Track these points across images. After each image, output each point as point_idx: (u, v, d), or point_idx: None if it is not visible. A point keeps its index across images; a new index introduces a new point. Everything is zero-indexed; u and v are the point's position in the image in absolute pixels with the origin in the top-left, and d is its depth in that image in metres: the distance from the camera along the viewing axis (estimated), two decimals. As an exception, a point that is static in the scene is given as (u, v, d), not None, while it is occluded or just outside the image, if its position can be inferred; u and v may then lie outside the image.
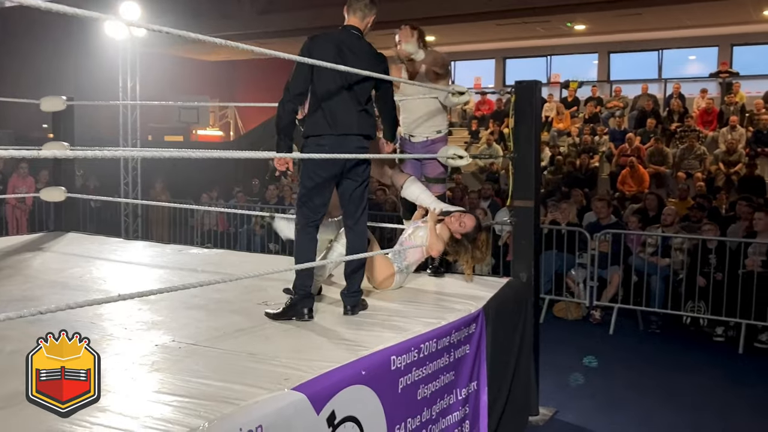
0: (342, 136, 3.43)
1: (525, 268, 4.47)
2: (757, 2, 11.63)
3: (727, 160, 12.01)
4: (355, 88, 3.47)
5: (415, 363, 3.10)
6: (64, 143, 5.76)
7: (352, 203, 3.60)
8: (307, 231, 3.49)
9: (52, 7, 2.04)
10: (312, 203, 3.48)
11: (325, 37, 3.52)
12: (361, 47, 3.55)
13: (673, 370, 5.67)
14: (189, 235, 9.88)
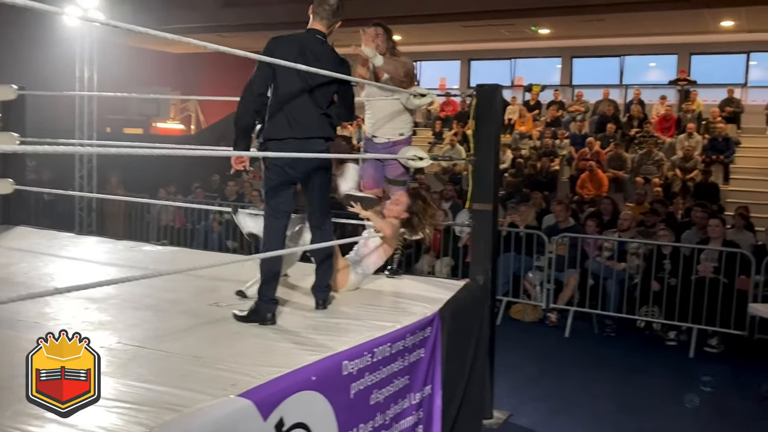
0: (304, 140, 3.41)
1: (482, 271, 4.47)
2: (715, 13, 11.86)
3: (684, 166, 12.23)
4: (316, 91, 3.45)
5: (368, 368, 3.05)
6: (14, 134, 5.56)
7: (319, 205, 3.62)
8: (276, 231, 3.48)
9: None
10: (275, 201, 3.47)
11: (288, 39, 3.48)
12: (324, 51, 3.52)
13: (627, 374, 5.73)
14: (145, 230, 9.69)
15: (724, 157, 12.46)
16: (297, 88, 3.39)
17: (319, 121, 3.47)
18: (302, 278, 4.14)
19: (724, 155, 12.49)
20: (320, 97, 3.47)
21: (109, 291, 3.83)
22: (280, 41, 3.44)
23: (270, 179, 3.46)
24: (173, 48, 17.84)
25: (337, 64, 3.54)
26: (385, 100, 4.50)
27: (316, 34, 3.54)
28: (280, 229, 3.48)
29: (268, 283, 3.39)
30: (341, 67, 3.55)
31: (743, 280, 6.22)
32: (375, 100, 4.56)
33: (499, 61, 18.26)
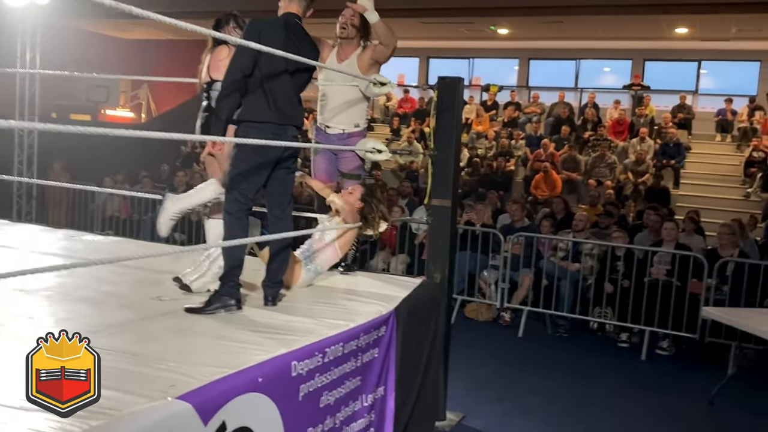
0: (283, 126, 3.33)
1: (440, 269, 4.34)
2: (670, 20, 12.03)
3: (636, 170, 12.40)
4: (296, 76, 3.39)
5: (318, 369, 2.89)
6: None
7: (281, 193, 3.50)
8: (239, 217, 3.33)
9: None
10: (244, 186, 3.32)
11: (272, 22, 3.40)
12: (306, 36, 3.47)
13: (579, 375, 5.69)
14: (89, 220, 9.29)
15: (675, 162, 12.69)
16: (280, 70, 3.30)
17: (297, 107, 3.42)
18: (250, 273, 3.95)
19: (675, 160, 12.72)
20: (299, 83, 3.43)
21: (42, 282, 3.59)
22: (265, 23, 3.35)
23: (240, 162, 3.30)
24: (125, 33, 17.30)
25: (316, 49, 3.53)
26: (343, 85, 4.31)
27: (296, 18, 3.46)
28: (244, 215, 3.35)
29: (233, 269, 3.29)
30: (318, 52, 3.55)
31: (695, 283, 6.26)
32: (332, 84, 4.36)
33: (457, 59, 18.26)
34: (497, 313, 7.22)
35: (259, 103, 3.28)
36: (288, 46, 3.24)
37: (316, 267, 3.96)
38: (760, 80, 15.27)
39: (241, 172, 3.30)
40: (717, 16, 11.22)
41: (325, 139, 4.34)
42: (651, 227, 7.53)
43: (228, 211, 3.34)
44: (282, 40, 3.26)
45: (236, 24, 3.89)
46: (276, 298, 3.49)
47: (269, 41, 3.13)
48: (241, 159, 3.31)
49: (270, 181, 3.43)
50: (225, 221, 3.36)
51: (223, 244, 3.31)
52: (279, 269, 3.52)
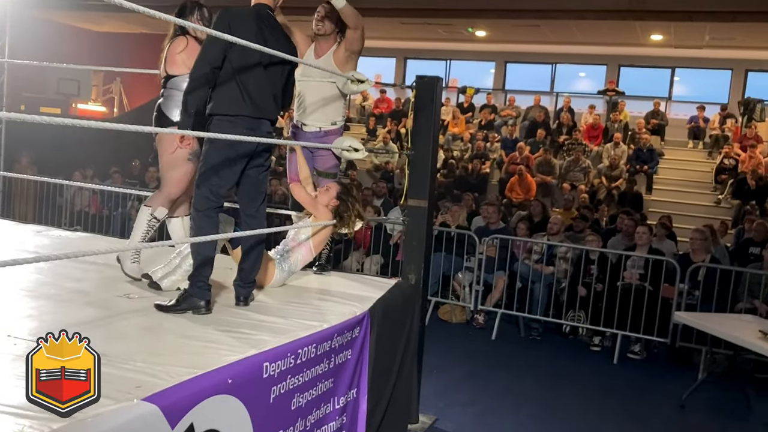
0: (257, 120, 3.22)
1: (415, 270, 4.30)
2: (645, 26, 12.14)
3: (610, 174, 12.51)
4: (270, 69, 3.26)
5: (290, 370, 2.82)
6: None
7: (254, 191, 3.38)
8: (209, 215, 3.20)
9: None
10: (215, 182, 3.18)
11: (242, 12, 3.27)
12: (279, 28, 3.38)
13: (552, 379, 5.69)
14: (57, 215, 9.09)
15: (648, 168, 12.82)
16: (253, 62, 3.17)
17: (272, 102, 3.30)
18: (222, 272, 3.87)
19: (648, 166, 12.84)
20: (274, 76, 3.29)
21: (3, 278, 3.47)
22: (236, 13, 3.22)
23: (211, 156, 3.17)
24: (98, 26, 17.01)
25: (291, 44, 3.44)
26: (320, 81, 4.23)
27: (267, 8, 3.36)
28: (214, 213, 3.22)
29: (202, 268, 3.16)
30: (293, 47, 3.43)
31: (667, 288, 6.30)
32: (309, 80, 4.27)
33: (434, 61, 18.26)
34: (471, 315, 7.20)
35: (232, 96, 3.17)
36: (259, 38, 3.14)
37: (290, 266, 3.89)
38: (732, 88, 15.51)
39: (212, 167, 3.17)
40: (691, 24, 11.35)
41: (302, 137, 4.27)
42: (624, 232, 7.57)
43: (197, 208, 3.21)
44: (254, 32, 3.16)
45: (200, 15, 3.78)
46: (248, 298, 3.39)
47: (240, 32, 2.99)
48: (212, 154, 3.18)
49: (243, 178, 3.32)
50: (193, 218, 3.24)
51: (191, 240, 3.21)
52: (251, 269, 3.41)
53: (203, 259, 3.17)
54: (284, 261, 3.88)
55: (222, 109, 3.18)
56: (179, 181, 3.73)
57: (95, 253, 2.35)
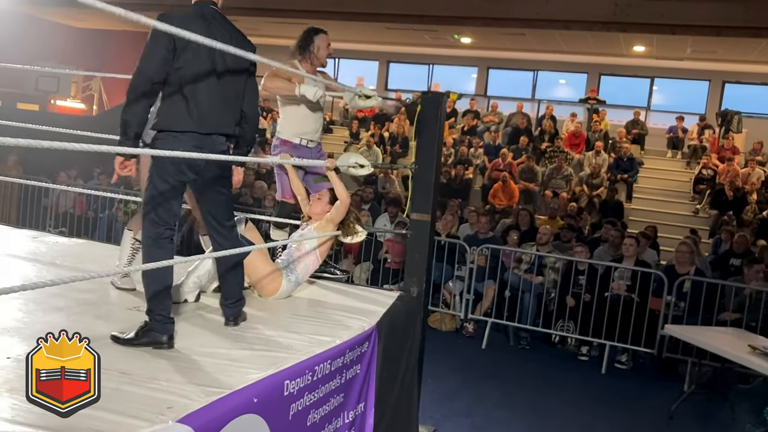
0: (207, 136, 2.87)
1: (417, 283, 4.33)
2: (629, 37, 12.35)
3: (591, 182, 12.67)
4: (226, 77, 2.88)
5: (308, 387, 2.85)
6: None
7: (219, 209, 3.08)
8: (161, 244, 2.86)
9: None
10: (162, 206, 2.85)
11: (183, 15, 2.86)
12: (230, 28, 2.97)
13: (543, 389, 5.78)
14: (41, 216, 8.98)
15: (628, 177, 13.01)
16: (204, 70, 2.81)
17: (225, 114, 2.93)
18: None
19: (628, 174, 13.04)
20: (229, 85, 2.92)
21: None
22: (180, 17, 2.81)
23: (160, 180, 2.84)
24: (79, 22, 16.79)
25: (246, 43, 2.96)
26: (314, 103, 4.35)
27: (212, 5, 2.94)
28: (167, 239, 2.89)
29: (160, 299, 2.83)
30: (250, 46, 2.93)
31: (655, 300, 6.42)
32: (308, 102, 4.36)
33: (417, 65, 18.35)
34: (460, 323, 7.27)
35: (177, 110, 2.81)
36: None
37: (297, 277, 3.91)
38: (709, 99, 15.83)
39: (162, 192, 2.83)
40: (674, 37, 11.56)
41: (308, 154, 4.35)
42: (611, 242, 7.70)
43: (147, 235, 2.87)
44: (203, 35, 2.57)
45: None
46: (238, 318, 3.21)
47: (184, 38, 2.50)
48: (157, 175, 2.84)
49: (202, 198, 3.05)
50: (144, 246, 2.90)
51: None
52: (235, 286, 3.19)
53: (159, 290, 2.83)
54: (291, 272, 3.90)
55: (166, 124, 2.83)
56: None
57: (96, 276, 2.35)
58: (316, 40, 4.34)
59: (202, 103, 2.83)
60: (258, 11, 12.05)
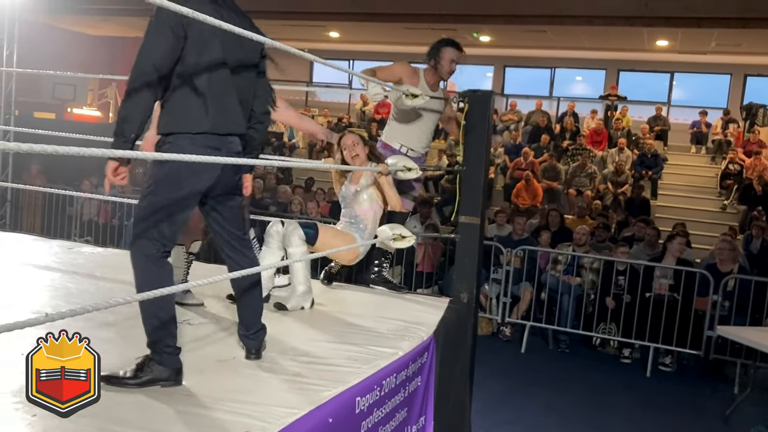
0: (224, 137, 2.47)
1: (467, 288, 4.18)
2: (653, 32, 12.15)
3: (615, 180, 12.48)
4: (239, 72, 2.50)
5: (376, 403, 2.71)
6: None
7: (231, 221, 2.66)
8: (161, 264, 2.45)
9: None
10: (165, 220, 2.41)
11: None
12: (240, 12, 2.57)
13: (589, 394, 5.62)
14: (66, 225, 8.88)
15: (653, 173, 12.82)
16: (217, 62, 2.41)
17: (239, 111, 2.53)
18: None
19: (652, 171, 12.84)
20: (241, 81, 2.53)
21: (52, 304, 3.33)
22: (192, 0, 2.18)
23: (170, 189, 2.42)
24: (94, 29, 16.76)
25: (258, 31, 2.46)
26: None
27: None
28: (163, 260, 2.46)
29: (167, 327, 2.43)
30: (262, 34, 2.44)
31: (701, 300, 6.24)
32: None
33: (431, 65, 18.17)
34: (497, 327, 7.11)
35: (192, 109, 2.39)
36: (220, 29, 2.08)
37: (368, 230, 3.89)
38: (731, 92, 15.58)
39: (164, 206, 2.41)
40: (699, 30, 11.37)
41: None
42: (647, 241, 7.52)
43: (145, 253, 2.42)
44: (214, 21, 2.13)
45: None
46: (260, 350, 2.77)
47: (195, 23, 2.10)
48: (166, 184, 2.42)
49: (212, 213, 2.64)
50: (141, 268, 2.44)
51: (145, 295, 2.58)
52: (254, 312, 2.76)
53: (166, 318, 2.43)
54: (362, 231, 3.87)
55: (181, 126, 2.40)
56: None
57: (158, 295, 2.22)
58: (442, 51, 4.27)
59: (217, 99, 2.42)
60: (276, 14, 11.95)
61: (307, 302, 3.66)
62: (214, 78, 2.41)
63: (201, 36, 2.34)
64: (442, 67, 4.31)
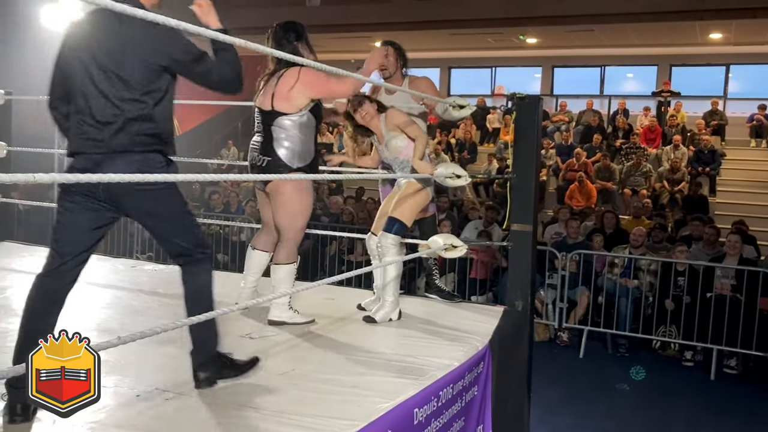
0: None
1: (522, 296, 4.17)
2: (705, 25, 11.87)
3: (672, 178, 12.20)
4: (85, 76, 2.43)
5: (434, 413, 2.75)
6: (1, 143, 5.15)
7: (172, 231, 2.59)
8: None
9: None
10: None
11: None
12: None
13: (652, 399, 5.51)
14: (128, 242, 9.19)
15: (711, 169, 12.48)
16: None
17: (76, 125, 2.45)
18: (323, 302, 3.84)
19: (710, 167, 12.51)
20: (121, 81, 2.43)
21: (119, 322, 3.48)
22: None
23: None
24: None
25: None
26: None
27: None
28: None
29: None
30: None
31: (765, 300, 6.06)
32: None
33: (479, 69, 18.12)
34: (554, 332, 7.04)
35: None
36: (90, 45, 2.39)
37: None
38: (791, 83, 15.06)
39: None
40: (754, 21, 11.04)
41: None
42: (706, 240, 7.34)
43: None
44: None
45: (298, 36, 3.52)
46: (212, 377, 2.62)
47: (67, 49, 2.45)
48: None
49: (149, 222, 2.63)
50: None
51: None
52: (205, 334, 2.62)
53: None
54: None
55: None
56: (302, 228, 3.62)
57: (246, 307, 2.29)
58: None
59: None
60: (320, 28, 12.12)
61: (395, 314, 3.72)
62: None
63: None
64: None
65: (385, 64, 4.15)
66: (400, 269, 3.78)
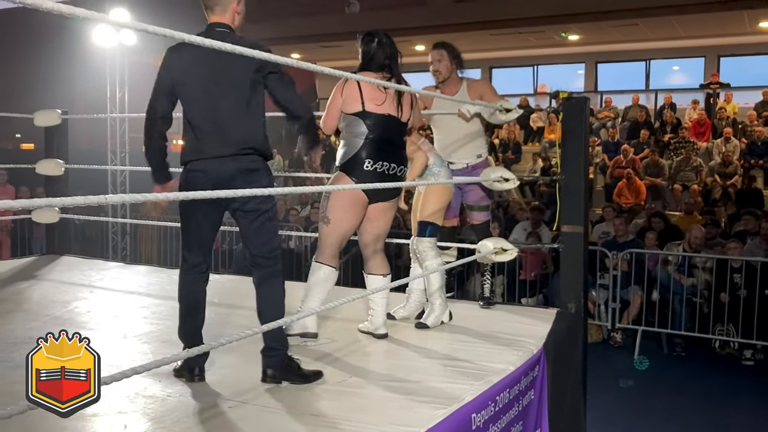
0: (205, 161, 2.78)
1: (574, 299, 4.14)
2: (754, 14, 11.55)
3: (723, 172, 11.89)
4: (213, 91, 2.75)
5: (492, 418, 2.75)
6: (59, 161, 5.34)
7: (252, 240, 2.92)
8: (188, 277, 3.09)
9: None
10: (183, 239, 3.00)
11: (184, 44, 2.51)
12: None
13: (712, 400, 5.40)
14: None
15: (765, 162, 12.12)
16: (197, 93, 2.77)
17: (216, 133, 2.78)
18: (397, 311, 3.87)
19: (764, 160, 12.15)
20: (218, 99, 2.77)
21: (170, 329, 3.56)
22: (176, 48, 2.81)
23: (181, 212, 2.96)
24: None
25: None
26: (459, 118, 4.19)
27: (218, 27, 2.78)
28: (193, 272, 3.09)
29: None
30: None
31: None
32: (444, 119, 4.25)
33: (521, 68, 17.98)
34: (607, 333, 6.94)
35: (186, 140, 2.84)
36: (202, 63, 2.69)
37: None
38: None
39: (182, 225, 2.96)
40: (806, 7, 10.73)
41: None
42: (763, 235, 7.14)
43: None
44: (197, 59, 2.69)
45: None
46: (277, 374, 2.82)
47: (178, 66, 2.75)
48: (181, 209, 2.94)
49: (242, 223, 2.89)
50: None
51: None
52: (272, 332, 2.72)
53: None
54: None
55: (182, 158, 2.84)
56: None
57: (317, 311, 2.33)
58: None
59: (198, 127, 2.76)
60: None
61: (446, 316, 3.75)
62: (197, 108, 2.76)
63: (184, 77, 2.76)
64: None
65: (439, 69, 4.17)
66: (443, 272, 3.78)
